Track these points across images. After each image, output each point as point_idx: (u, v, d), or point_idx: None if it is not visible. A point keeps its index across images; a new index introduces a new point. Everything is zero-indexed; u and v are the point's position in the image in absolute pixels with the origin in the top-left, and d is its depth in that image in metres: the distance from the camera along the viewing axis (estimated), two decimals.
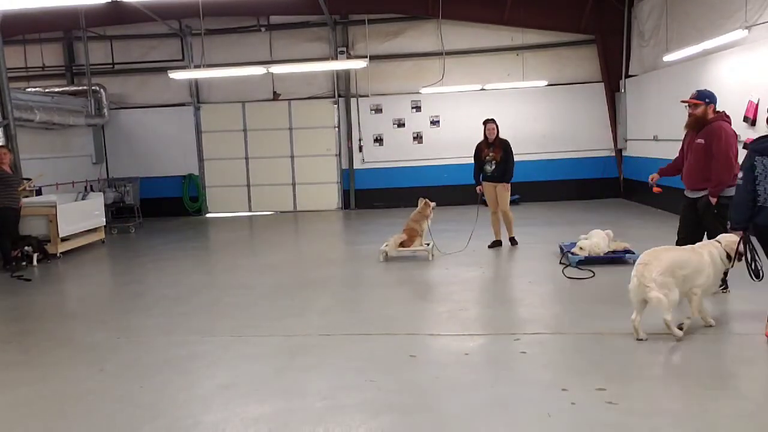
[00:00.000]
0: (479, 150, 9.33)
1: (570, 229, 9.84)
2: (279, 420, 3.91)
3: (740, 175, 4.91)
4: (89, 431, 3.94)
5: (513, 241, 9.38)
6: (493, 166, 9.16)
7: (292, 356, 5.07)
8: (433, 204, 9.18)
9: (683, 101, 6.25)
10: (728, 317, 5.66)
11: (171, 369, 4.89)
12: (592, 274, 7.24)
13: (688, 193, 6.28)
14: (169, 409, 4.16)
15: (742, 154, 7.01)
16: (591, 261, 7.64)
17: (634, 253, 7.77)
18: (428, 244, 8.86)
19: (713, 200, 5.93)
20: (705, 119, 6.03)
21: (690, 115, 6.14)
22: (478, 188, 9.39)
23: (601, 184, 14.74)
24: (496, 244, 9.35)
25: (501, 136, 9.25)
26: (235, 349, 5.31)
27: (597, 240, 7.88)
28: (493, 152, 9.16)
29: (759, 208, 4.83)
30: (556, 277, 7.29)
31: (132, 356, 5.24)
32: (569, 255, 7.82)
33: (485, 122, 9.27)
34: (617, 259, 7.81)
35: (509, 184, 9.31)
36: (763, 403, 3.86)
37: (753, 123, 8.81)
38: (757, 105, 8.74)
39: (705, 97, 6.06)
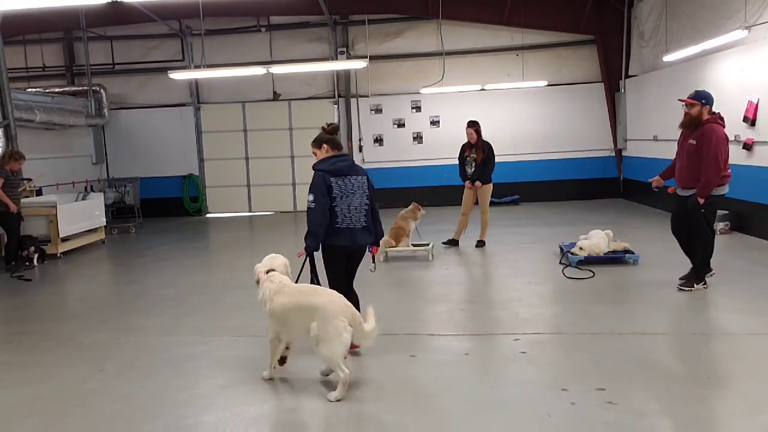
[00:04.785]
0: (463, 150, 9.50)
1: (570, 229, 9.84)
2: (279, 420, 3.92)
3: (311, 198, 4.77)
4: (89, 431, 3.94)
5: (481, 244, 9.37)
6: (473, 168, 9.29)
7: (292, 356, 5.07)
8: (422, 211, 9.17)
9: (680, 100, 6.30)
10: (723, 317, 5.68)
11: (171, 369, 4.89)
12: (592, 274, 7.25)
13: (680, 191, 6.38)
14: (169, 409, 4.16)
15: (738, 155, 7.02)
16: (591, 261, 7.64)
17: (634, 253, 7.78)
18: (427, 244, 8.86)
19: (701, 200, 6.03)
20: (699, 120, 6.09)
21: (685, 114, 6.21)
22: (467, 182, 9.44)
23: (601, 184, 14.74)
24: (453, 242, 9.44)
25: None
26: (235, 349, 5.31)
27: (597, 240, 7.88)
28: (474, 153, 9.28)
29: (336, 230, 4.86)
30: (556, 277, 7.30)
31: (132, 356, 5.24)
32: (569, 255, 7.83)
33: (468, 124, 9.39)
34: (617, 259, 7.82)
35: (491, 186, 9.38)
36: (762, 402, 3.86)
37: (753, 123, 8.81)
38: (757, 105, 8.73)
39: (701, 98, 6.11)
